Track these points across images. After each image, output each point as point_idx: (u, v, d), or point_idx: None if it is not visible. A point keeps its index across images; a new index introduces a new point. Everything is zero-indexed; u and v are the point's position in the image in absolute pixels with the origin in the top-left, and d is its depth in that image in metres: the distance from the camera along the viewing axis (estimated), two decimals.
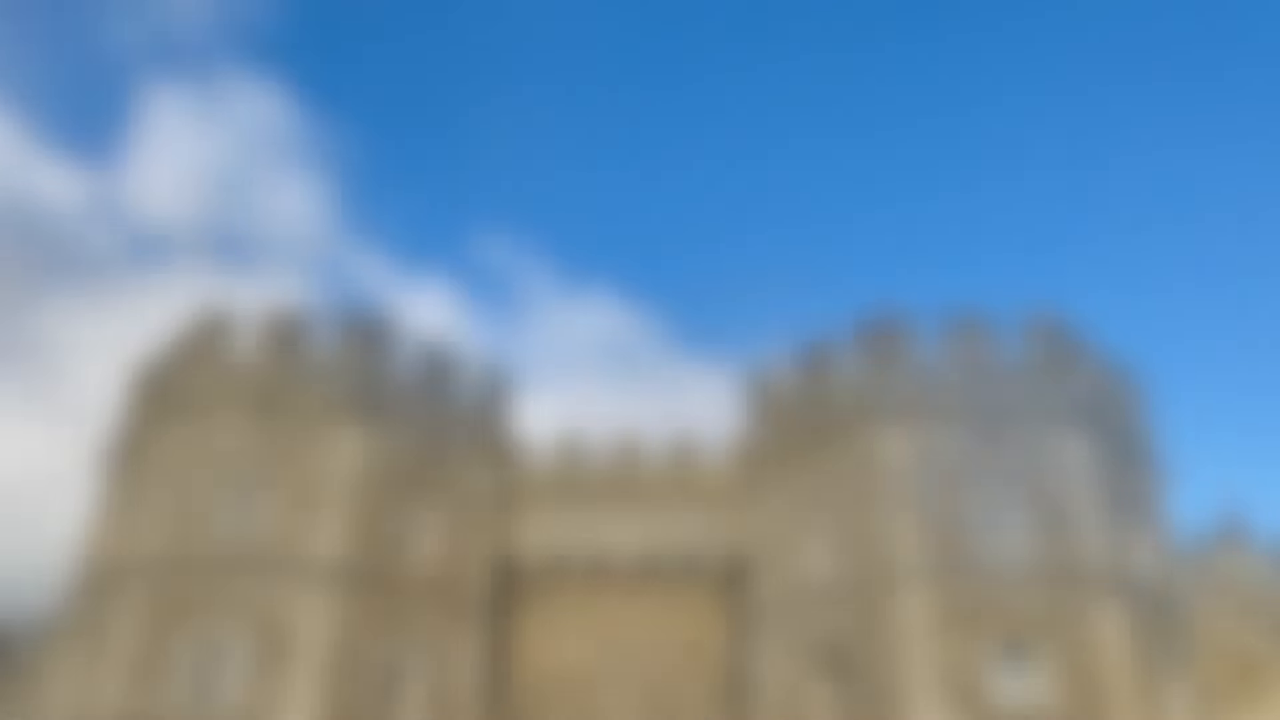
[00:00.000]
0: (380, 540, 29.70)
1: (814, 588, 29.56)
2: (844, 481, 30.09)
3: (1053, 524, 28.34)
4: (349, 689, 27.66)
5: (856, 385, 31.02)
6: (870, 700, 27.06)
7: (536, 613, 33.31)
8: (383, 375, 31.56)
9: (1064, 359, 30.55)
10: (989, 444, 29.38)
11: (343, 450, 29.97)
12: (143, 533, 29.10)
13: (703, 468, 34.69)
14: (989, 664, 26.64)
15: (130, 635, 27.61)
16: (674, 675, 32.31)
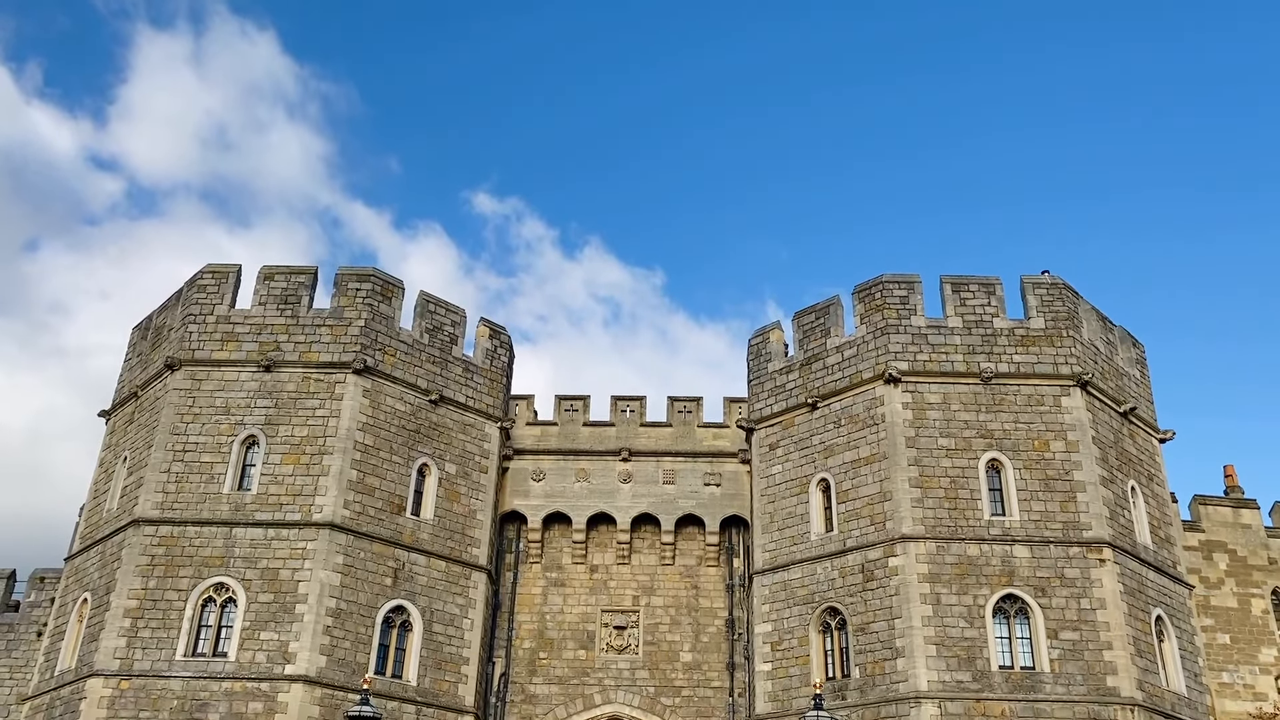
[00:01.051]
0: (382, 494, 29.87)
1: (812, 546, 29.75)
2: (843, 440, 30.22)
3: (1052, 484, 28.49)
4: (351, 643, 27.90)
5: (856, 344, 31.10)
6: (868, 658, 27.28)
7: (537, 568, 33.60)
8: (384, 329, 31.63)
9: (1065, 318, 30.60)
10: (988, 403, 29.50)
11: (345, 404, 30.09)
12: (145, 487, 29.27)
13: (702, 425, 34.85)
14: (988, 624, 26.84)
15: (133, 590, 27.85)
16: (673, 630, 32.61)
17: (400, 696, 28.35)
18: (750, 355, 34.23)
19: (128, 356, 34.70)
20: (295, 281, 32.02)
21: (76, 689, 27.24)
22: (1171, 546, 30.90)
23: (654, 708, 31.68)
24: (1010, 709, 25.80)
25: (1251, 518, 37.55)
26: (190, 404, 30.31)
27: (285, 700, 26.52)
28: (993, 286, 31.15)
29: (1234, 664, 34.96)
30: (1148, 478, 31.03)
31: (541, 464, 34.35)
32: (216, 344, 31.15)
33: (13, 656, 33.83)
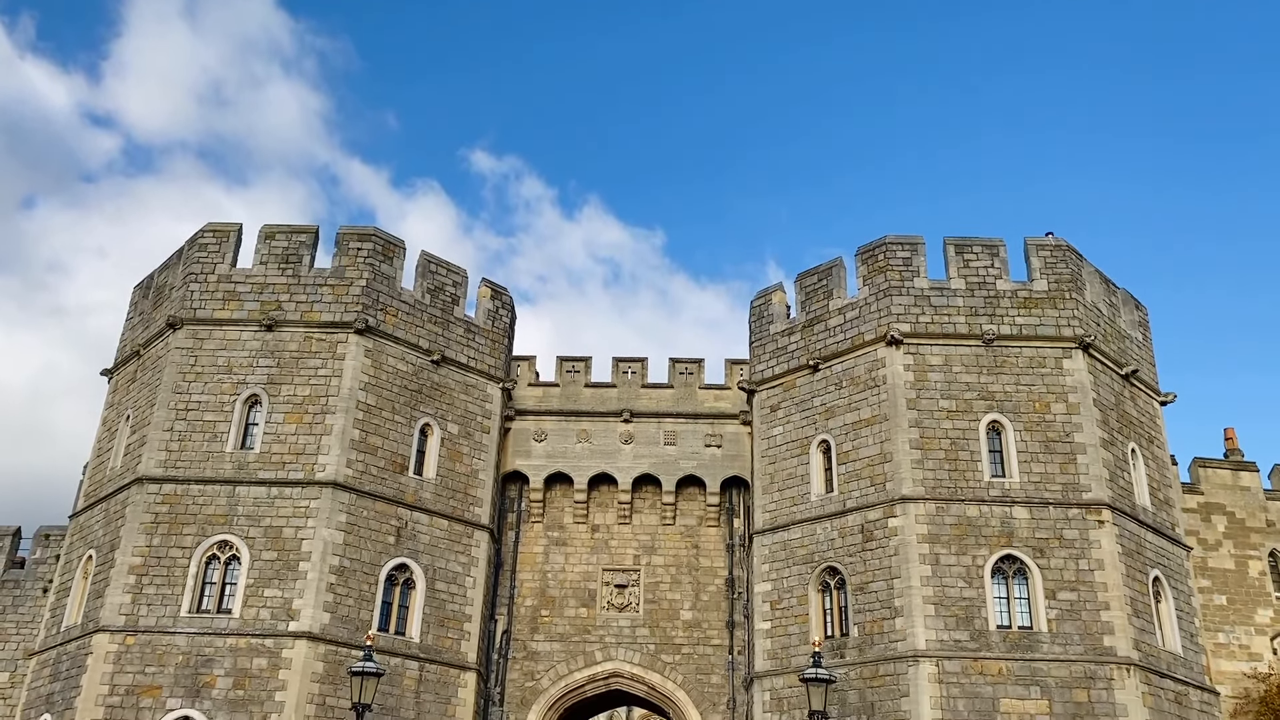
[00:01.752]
0: (384, 454, 29.99)
1: (812, 506, 29.89)
2: (844, 402, 30.26)
3: (1052, 446, 28.56)
4: (355, 600, 28.15)
5: (858, 305, 31.05)
6: (866, 617, 27.50)
7: (539, 527, 33.82)
8: (386, 289, 31.59)
9: (1068, 280, 30.52)
10: (990, 365, 29.51)
11: (347, 364, 30.13)
12: (149, 445, 29.38)
13: (703, 386, 34.91)
14: (987, 584, 27.03)
15: (137, 547, 28.05)
16: (674, 589, 32.88)
17: (403, 653, 28.65)
18: (752, 317, 34.19)
19: (129, 315, 34.70)
20: (296, 241, 31.93)
21: (83, 644, 27.52)
22: (1170, 509, 31.04)
23: (654, 665, 32.02)
24: (1007, 668, 26.04)
25: (1251, 480, 37.73)
26: (192, 363, 30.36)
27: (290, 656, 26.80)
28: (996, 248, 31.03)
29: (1230, 624, 35.28)
30: (1148, 440, 31.11)
31: (543, 424, 34.46)
32: (218, 303, 31.14)
33: (19, 612, 34.16)
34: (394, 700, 27.85)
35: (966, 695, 25.75)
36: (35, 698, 28.91)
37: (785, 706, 28.24)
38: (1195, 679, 28.61)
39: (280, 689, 26.44)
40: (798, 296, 33.00)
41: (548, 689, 31.81)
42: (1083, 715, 25.52)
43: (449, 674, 29.51)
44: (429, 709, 28.75)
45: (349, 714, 22.82)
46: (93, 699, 26.40)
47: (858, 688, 26.91)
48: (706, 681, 31.72)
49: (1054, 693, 25.75)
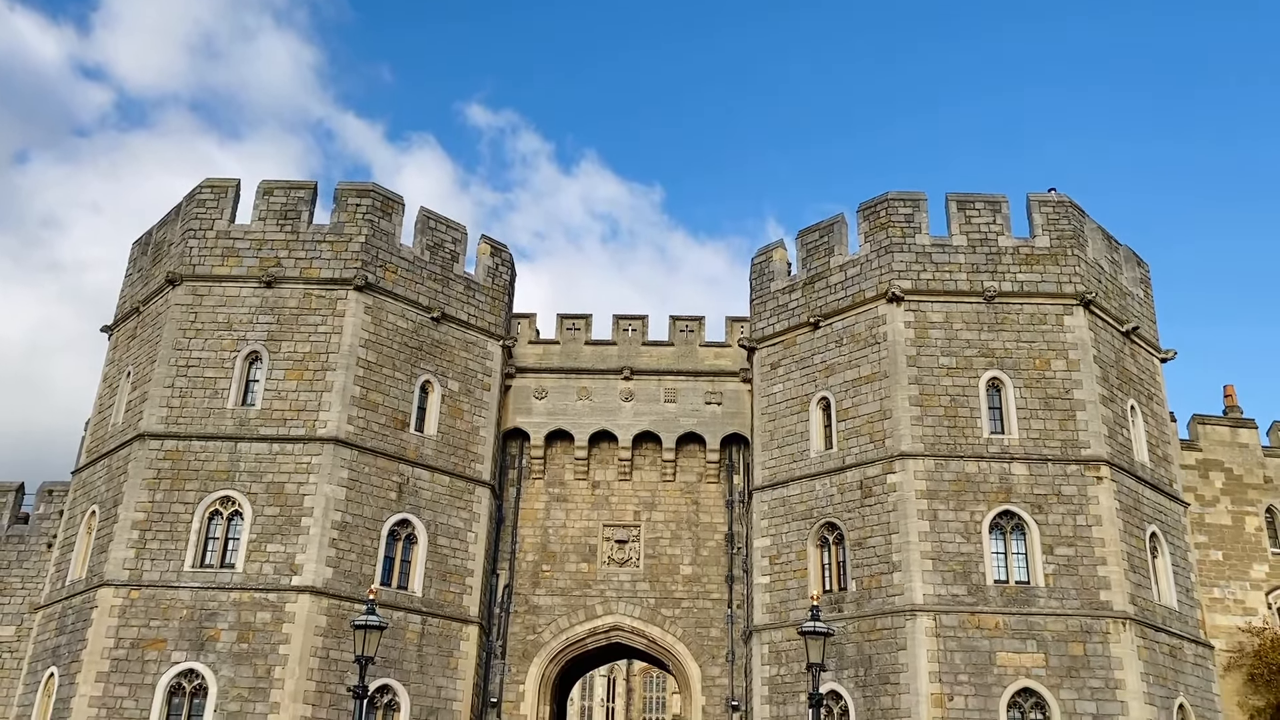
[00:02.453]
0: (385, 411, 30.04)
1: (812, 463, 30.00)
2: (844, 359, 30.26)
3: (1052, 403, 28.59)
4: (357, 555, 28.34)
5: (859, 262, 30.95)
6: (864, 572, 27.70)
7: (539, 484, 33.98)
8: (385, 246, 31.47)
9: (1070, 236, 30.38)
10: (991, 322, 29.47)
11: (347, 321, 30.09)
12: (150, 401, 29.43)
13: (704, 344, 34.90)
14: (984, 540, 27.19)
15: (140, 502, 28.19)
16: (674, 544, 33.11)
17: (406, 607, 28.91)
18: (753, 274, 34.09)
19: (128, 272, 34.61)
20: (295, 197, 31.76)
21: (87, 598, 27.77)
22: (1169, 465, 31.15)
23: (654, 618, 32.33)
24: (1004, 622, 26.28)
25: (1249, 437, 37.79)
26: (192, 319, 30.33)
27: (293, 610, 27.05)
28: (998, 204, 30.87)
29: (1225, 580, 35.53)
30: (1147, 397, 31.15)
31: (544, 382, 34.50)
32: (217, 259, 31.04)
33: (24, 567, 34.42)
34: (396, 653, 28.15)
35: (963, 648, 26.01)
36: (41, 651, 29.22)
37: (783, 659, 28.55)
38: (1190, 633, 28.88)
39: (284, 642, 26.71)
40: (799, 253, 32.89)
41: (549, 642, 32.15)
42: (1078, 668, 25.79)
43: (451, 627, 29.80)
44: (431, 661, 29.07)
45: (352, 667, 23.05)
46: (98, 652, 26.69)
47: (855, 641, 27.18)
48: (706, 635, 32.04)
49: (1050, 646, 26.01)
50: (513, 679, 31.70)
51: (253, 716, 26.04)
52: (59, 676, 27.59)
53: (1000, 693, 25.56)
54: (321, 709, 26.56)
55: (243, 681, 26.34)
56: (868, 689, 26.61)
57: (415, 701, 28.44)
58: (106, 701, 26.22)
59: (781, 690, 28.42)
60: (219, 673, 26.41)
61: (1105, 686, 25.60)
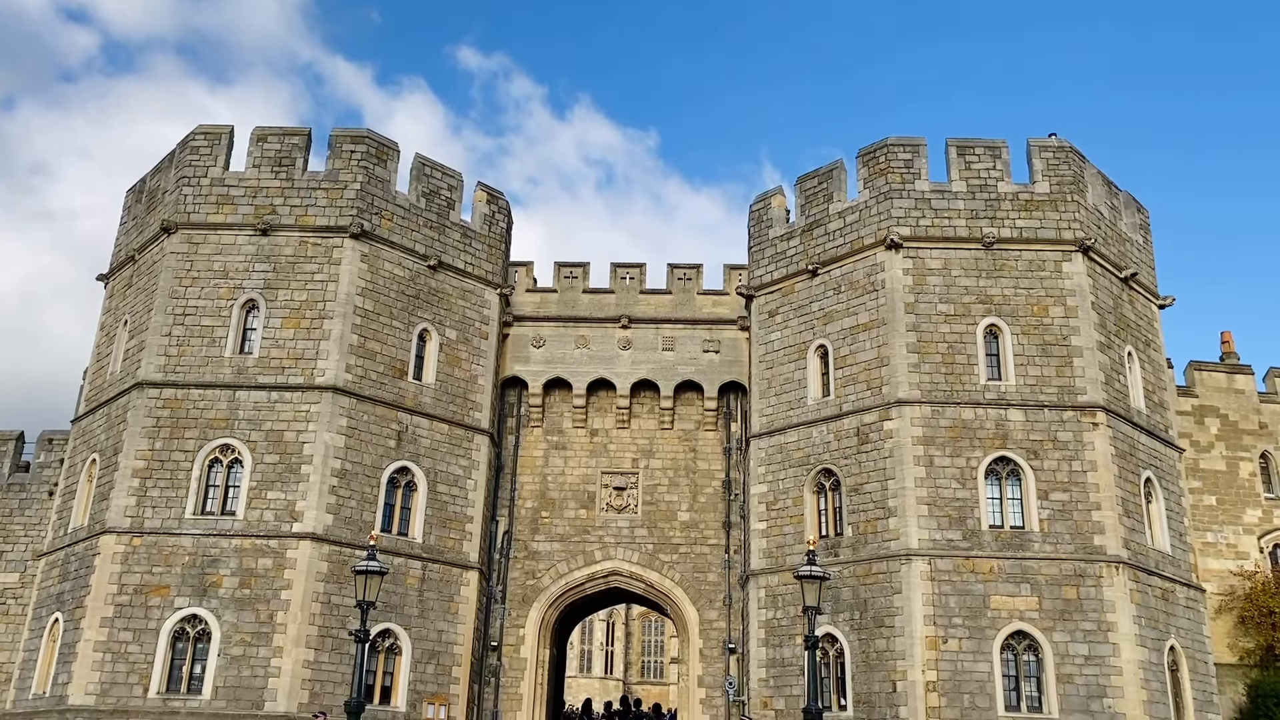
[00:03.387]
0: (383, 359, 30.06)
1: (809, 410, 30.09)
2: (842, 307, 30.22)
3: (1049, 350, 28.61)
4: (357, 502, 28.53)
5: (858, 209, 30.78)
6: (861, 518, 27.92)
7: (538, 432, 34.11)
8: (380, 193, 31.26)
9: (1070, 182, 30.19)
10: (989, 269, 29.38)
11: (343, 269, 29.98)
12: (147, 350, 29.42)
13: (702, 292, 34.83)
14: (980, 485, 27.36)
15: (140, 451, 28.30)
16: (672, 491, 33.34)
17: (407, 553, 29.17)
18: (751, 221, 33.92)
19: (123, 220, 34.40)
20: (289, 143, 31.46)
21: (90, 545, 27.99)
22: (1164, 411, 31.28)
23: (652, 563, 32.66)
24: (998, 566, 26.55)
25: (1245, 383, 37.93)
26: (188, 268, 30.21)
27: (294, 556, 27.29)
28: (998, 150, 30.62)
29: (1219, 524, 35.89)
30: (1145, 343, 31.17)
31: (541, 330, 34.48)
32: (212, 207, 30.83)
33: (26, 515, 34.64)
34: (398, 598, 28.47)
35: (958, 592, 26.31)
36: (46, 597, 29.53)
37: (780, 603, 28.89)
38: (1182, 577, 29.20)
39: (285, 588, 26.99)
40: (797, 200, 32.70)
41: (548, 587, 32.50)
42: (1071, 612, 26.11)
43: (451, 573, 30.10)
44: (432, 606, 29.40)
45: (354, 611, 23.32)
46: (102, 598, 26.97)
47: (851, 585, 27.48)
48: (703, 579, 32.40)
49: (1044, 590, 26.30)
50: (513, 623, 32.10)
51: (256, 660, 26.40)
52: (64, 622, 27.92)
53: (994, 635, 25.91)
54: (324, 653, 26.91)
55: (246, 626, 26.66)
56: (863, 632, 26.96)
57: (417, 645, 28.82)
58: (111, 646, 26.55)
59: (778, 633, 28.80)
60: (222, 618, 26.72)
61: (1097, 629, 25.94)
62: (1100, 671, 25.55)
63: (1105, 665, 25.60)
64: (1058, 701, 25.36)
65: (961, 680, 25.53)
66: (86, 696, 26.11)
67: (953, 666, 25.66)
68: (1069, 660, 25.67)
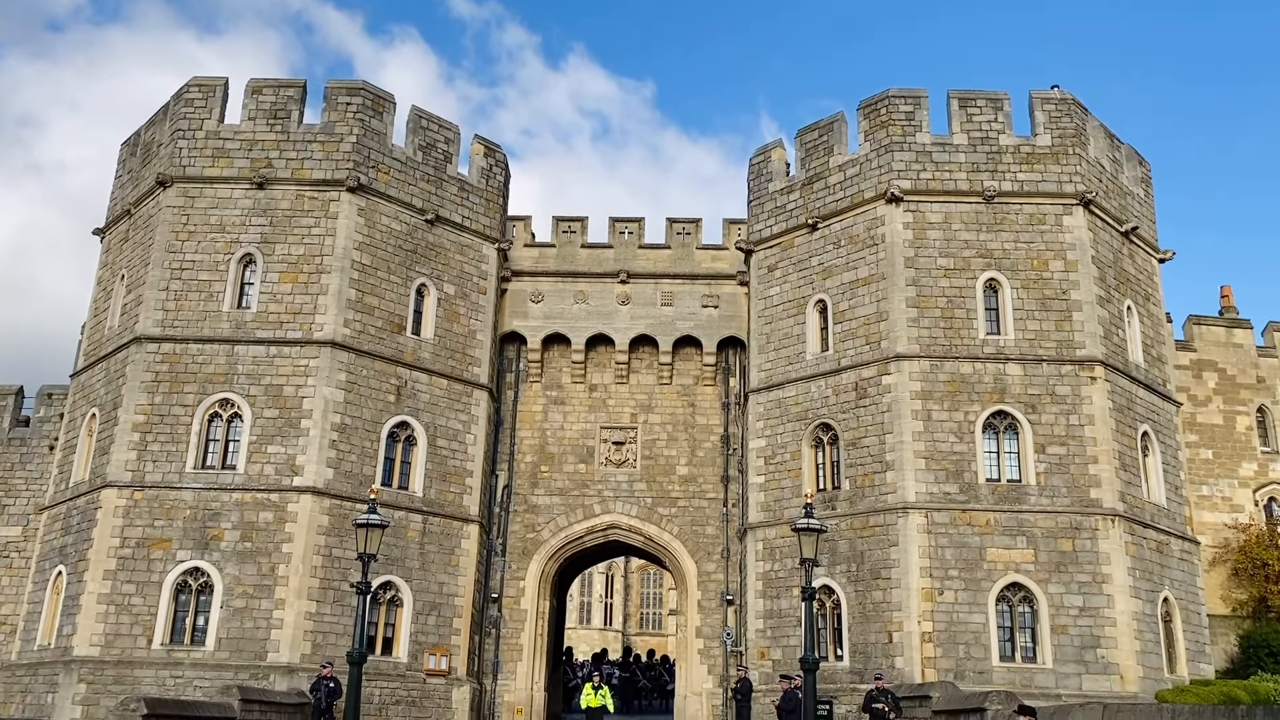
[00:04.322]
0: (382, 314, 30.01)
1: (808, 365, 30.12)
2: (842, 261, 30.12)
3: (1049, 304, 28.56)
4: (357, 456, 28.63)
5: (859, 162, 30.56)
6: (858, 471, 28.06)
7: (537, 387, 34.16)
8: (377, 146, 31.00)
9: (1072, 135, 29.96)
10: (990, 222, 29.25)
11: (340, 223, 29.82)
12: (145, 305, 29.36)
13: (701, 247, 34.70)
14: (978, 439, 27.45)
15: (140, 405, 28.35)
16: (670, 446, 33.46)
17: (407, 506, 29.35)
18: (751, 175, 33.69)
19: (118, 174, 34.16)
20: (284, 96, 31.15)
21: (91, 499, 28.14)
22: (1163, 365, 31.31)
23: (651, 517, 32.87)
24: (995, 519, 26.72)
25: (1244, 337, 37.96)
26: (185, 222, 30.04)
27: (295, 510, 27.45)
28: (1000, 102, 30.34)
29: (1214, 478, 36.12)
30: (1144, 297, 31.13)
31: (540, 285, 34.39)
32: (207, 160, 30.59)
33: (27, 469, 34.79)
34: (399, 551, 28.69)
35: (954, 545, 26.51)
36: (49, 550, 29.74)
37: (777, 555, 29.12)
38: (1177, 529, 29.42)
39: (287, 541, 27.18)
40: (797, 153, 32.46)
41: (548, 540, 32.74)
42: (1066, 564, 26.33)
43: (452, 526, 30.30)
44: (433, 559, 29.63)
45: (355, 564, 23.51)
46: (104, 551, 27.16)
47: (848, 537, 27.69)
48: (702, 532, 32.63)
49: (1040, 542, 26.50)
50: (513, 575, 32.38)
51: (258, 612, 26.66)
52: (67, 575, 28.15)
53: (990, 587, 26.15)
54: (326, 605, 27.17)
55: (248, 579, 26.88)
56: (859, 583, 27.21)
57: (418, 597, 29.09)
58: (114, 598, 26.79)
59: (775, 585, 29.07)
60: (224, 571, 26.94)
61: (1092, 581, 26.18)
62: (1094, 622, 25.83)
63: (1099, 616, 25.87)
64: (1052, 652, 25.66)
65: (957, 631, 25.81)
66: (91, 648, 26.40)
67: (948, 618, 25.93)
68: (1063, 611, 25.93)
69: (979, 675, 25.17)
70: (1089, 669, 25.47)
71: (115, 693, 24.77)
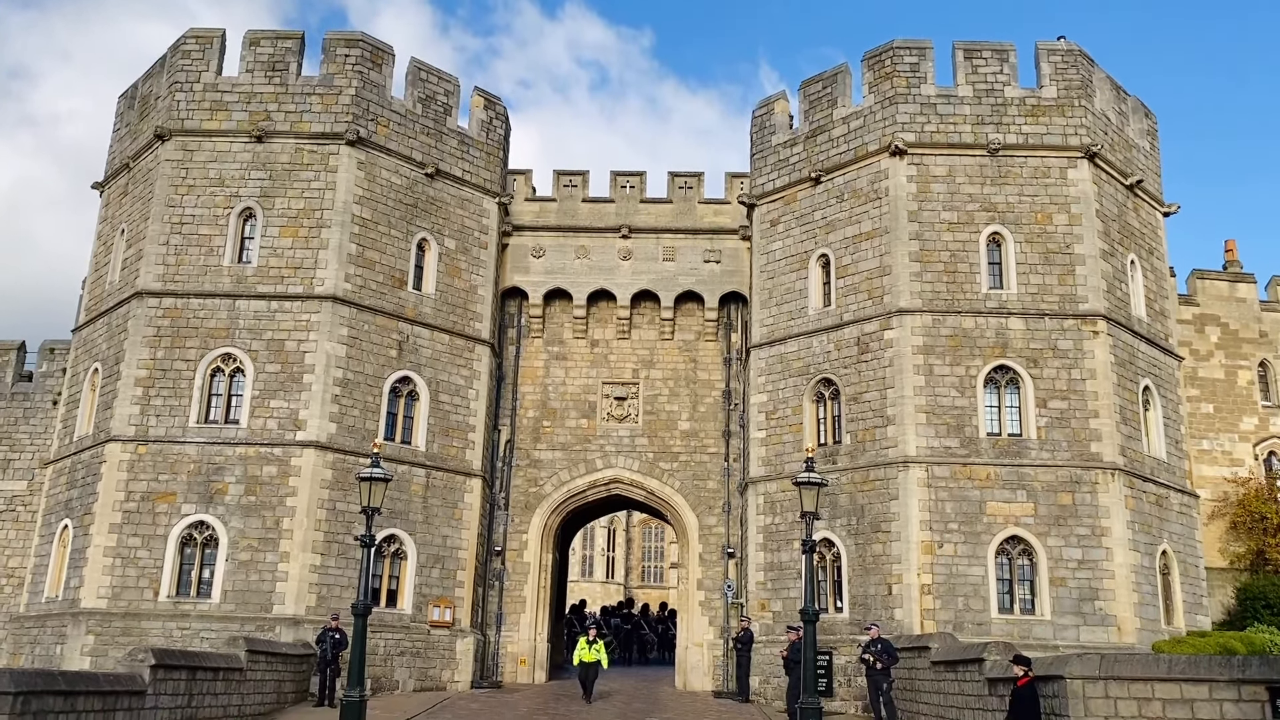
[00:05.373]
0: (382, 269, 29.93)
1: (809, 320, 30.07)
2: (845, 215, 29.95)
3: (1052, 258, 28.43)
4: (360, 411, 28.70)
5: (863, 114, 30.27)
6: (859, 426, 28.12)
7: (539, 342, 34.16)
8: (376, 99, 30.71)
9: (1078, 86, 29.63)
10: (994, 176, 29.03)
11: (340, 177, 29.63)
12: (145, 259, 29.27)
13: (703, 201, 34.51)
14: (979, 394, 27.46)
15: (142, 360, 28.38)
16: (672, 401, 33.53)
17: (410, 461, 29.47)
18: (753, 128, 33.40)
19: (116, 127, 33.89)
20: (282, 47, 30.80)
21: (96, 453, 28.26)
22: (1165, 319, 31.25)
23: (653, 471, 33.03)
24: (995, 473, 26.82)
25: (1247, 292, 37.83)
26: (184, 175, 29.86)
27: (298, 464, 27.57)
28: (1006, 53, 29.98)
29: (1215, 432, 36.19)
30: (1148, 251, 30.99)
31: (541, 240, 34.26)
32: (205, 113, 30.33)
33: (31, 424, 34.91)
34: (402, 505, 28.86)
35: (954, 498, 26.64)
36: (54, 504, 29.94)
37: (778, 509, 29.29)
38: (1177, 483, 29.54)
39: (291, 495, 27.34)
40: (801, 105, 32.14)
41: (550, 494, 32.93)
42: (1066, 517, 26.47)
43: (455, 480, 30.46)
44: (437, 513, 29.82)
45: (359, 518, 23.64)
46: (109, 505, 27.34)
47: (848, 491, 27.82)
48: (703, 487, 32.80)
49: (1039, 496, 26.62)
50: (516, 529, 32.61)
51: (263, 565, 26.89)
52: (73, 528, 28.36)
53: (989, 540, 26.31)
54: (330, 558, 27.39)
55: (252, 532, 27.08)
56: (859, 537, 27.39)
57: (422, 550, 29.32)
58: (120, 551, 27.02)
59: (775, 538, 29.27)
60: (228, 524, 27.13)
61: (1091, 534, 26.34)
62: (1093, 575, 26.02)
63: (1098, 569, 26.06)
64: (1050, 604, 25.88)
65: (956, 583, 26.02)
66: (98, 600, 26.66)
67: (948, 570, 26.13)
68: (1062, 564, 26.12)
69: (977, 627, 25.41)
70: (1086, 621, 25.71)
71: (123, 644, 25.06)
